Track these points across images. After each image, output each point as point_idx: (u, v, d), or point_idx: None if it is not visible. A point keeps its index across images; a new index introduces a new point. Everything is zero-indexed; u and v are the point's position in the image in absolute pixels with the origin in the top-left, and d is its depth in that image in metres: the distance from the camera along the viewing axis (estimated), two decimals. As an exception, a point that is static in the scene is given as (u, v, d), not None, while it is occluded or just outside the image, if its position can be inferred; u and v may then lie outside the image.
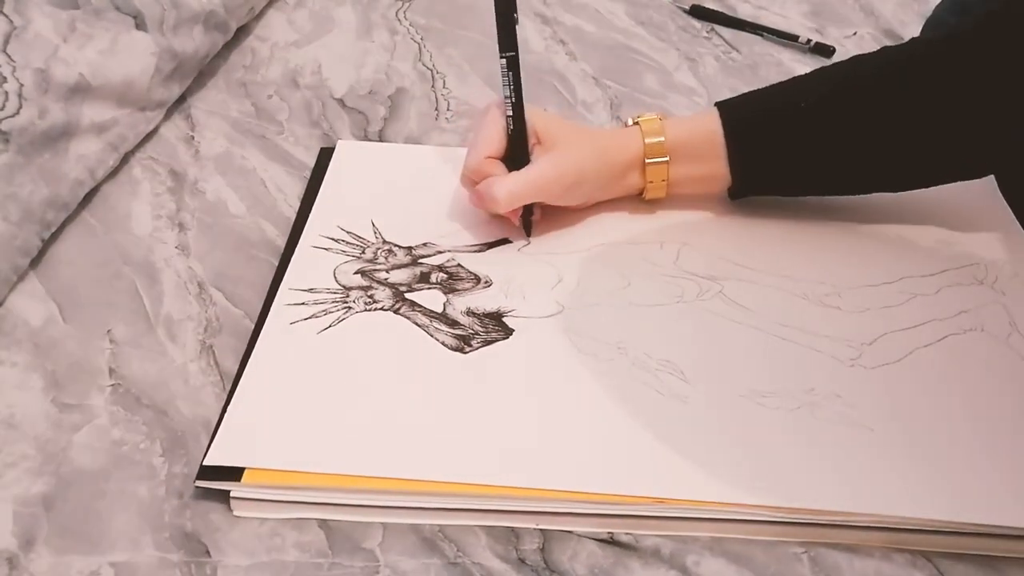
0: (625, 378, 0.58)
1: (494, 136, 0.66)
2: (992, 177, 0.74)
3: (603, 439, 0.55)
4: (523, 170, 0.66)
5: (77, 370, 0.58)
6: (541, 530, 0.52)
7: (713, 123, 0.66)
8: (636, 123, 0.68)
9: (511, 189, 0.65)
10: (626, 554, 0.51)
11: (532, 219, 0.68)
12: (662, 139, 0.67)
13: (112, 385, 0.58)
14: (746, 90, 0.69)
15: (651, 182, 0.68)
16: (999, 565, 0.52)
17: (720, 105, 0.67)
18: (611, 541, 0.52)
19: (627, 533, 0.52)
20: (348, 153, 0.76)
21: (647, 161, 0.67)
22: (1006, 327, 0.63)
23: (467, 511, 0.52)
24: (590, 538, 0.52)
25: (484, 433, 0.55)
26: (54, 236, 0.66)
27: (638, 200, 0.71)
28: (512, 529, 0.52)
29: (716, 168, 0.68)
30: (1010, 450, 0.55)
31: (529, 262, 0.67)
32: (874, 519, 0.52)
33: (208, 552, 0.50)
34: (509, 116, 0.65)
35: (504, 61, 0.65)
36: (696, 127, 0.67)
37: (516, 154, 0.66)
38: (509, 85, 0.65)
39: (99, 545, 0.50)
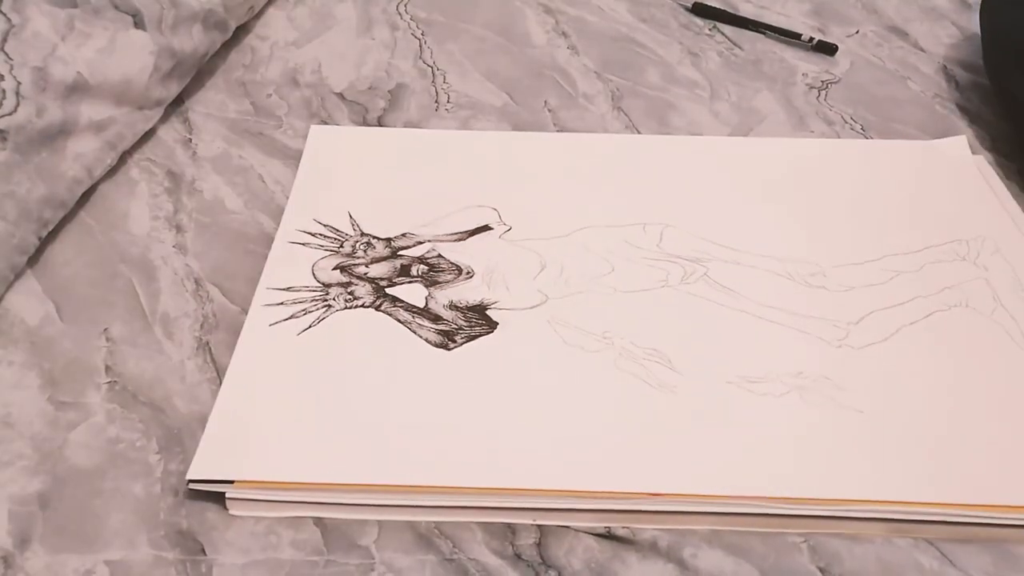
0: (612, 370, 0.58)
1: None
2: (970, 154, 0.75)
3: (593, 435, 0.54)
4: None
5: (74, 368, 0.58)
6: (538, 525, 0.51)
7: None
8: None
9: None
10: (623, 548, 0.51)
11: None
12: None
13: (108, 383, 0.58)
14: (750, 84, 0.68)
15: None
16: (1004, 544, 0.51)
17: None
18: (608, 535, 0.51)
19: (624, 527, 0.51)
20: (321, 140, 0.75)
21: None
22: (990, 302, 0.63)
23: (462, 508, 0.51)
24: (587, 532, 0.51)
25: (473, 434, 0.54)
26: (51, 235, 0.66)
27: (620, 177, 0.71)
28: (508, 524, 0.51)
29: None
30: (998, 426, 0.55)
31: (511, 249, 0.66)
32: (868, 505, 0.51)
33: (203, 550, 0.50)
34: None
35: None
36: None
37: None
38: None
39: (94, 544, 0.50)
